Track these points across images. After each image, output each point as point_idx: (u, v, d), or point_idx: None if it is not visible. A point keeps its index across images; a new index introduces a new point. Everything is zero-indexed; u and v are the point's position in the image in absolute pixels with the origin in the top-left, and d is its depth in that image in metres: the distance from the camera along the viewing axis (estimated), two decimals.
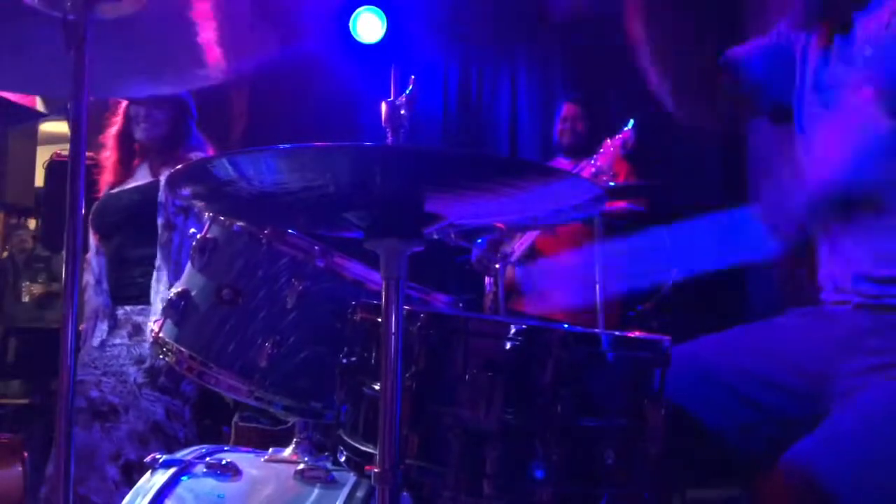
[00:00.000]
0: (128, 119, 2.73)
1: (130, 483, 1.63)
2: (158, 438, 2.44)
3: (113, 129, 2.76)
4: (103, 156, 2.76)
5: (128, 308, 2.57)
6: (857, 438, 1.05)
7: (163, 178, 2.58)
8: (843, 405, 1.12)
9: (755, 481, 1.07)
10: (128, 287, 2.60)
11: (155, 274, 2.53)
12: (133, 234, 2.59)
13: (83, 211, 1.09)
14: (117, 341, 2.53)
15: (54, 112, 5.25)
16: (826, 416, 1.10)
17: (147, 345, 2.46)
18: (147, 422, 2.45)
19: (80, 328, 2.64)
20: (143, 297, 2.55)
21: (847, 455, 1.03)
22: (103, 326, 2.57)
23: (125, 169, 2.72)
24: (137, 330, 2.52)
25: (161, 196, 2.56)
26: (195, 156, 2.58)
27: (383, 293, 1.00)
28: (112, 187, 2.72)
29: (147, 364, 2.47)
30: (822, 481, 0.98)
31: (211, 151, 2.71)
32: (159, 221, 2.55)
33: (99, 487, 2.36)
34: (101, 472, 2.38)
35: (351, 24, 4.29)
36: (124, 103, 2.77)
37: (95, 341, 2.57)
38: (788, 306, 1.32)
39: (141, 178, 2.69)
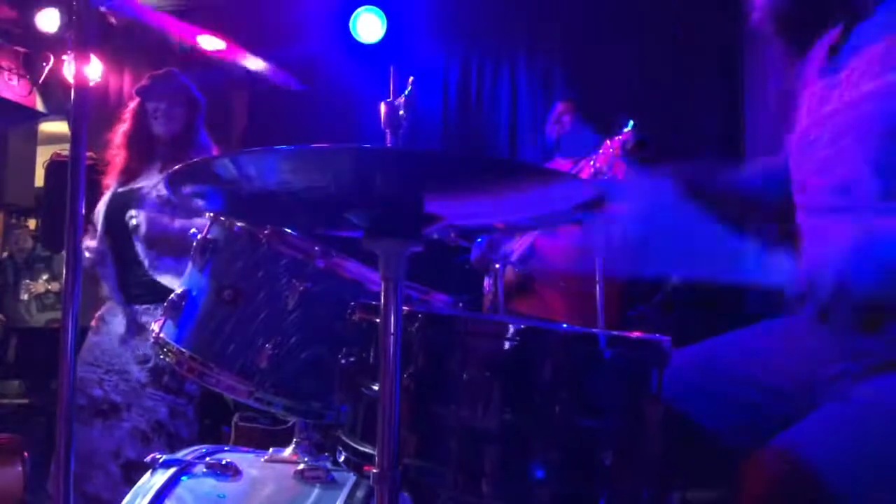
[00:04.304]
0: (138, 117, 2.73)
1: (131, 481, 1.63)
2: (161, 437, 2.45)
3: (123, 128, 2.76)
4: (111, 154, 2.76)
5: (134, 307, 2.57)
6: (848, 427, 1.06)
7: None
8: (833, 397, 1.12)
9: (740, 467, 1.07)
10: (132, 286, 2.60)
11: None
12: None
13: (83, 211, 1.09)
14: (120, 339, 2.54)
15: (54, 112, 5.27)
16: (815, 409, 1.11)
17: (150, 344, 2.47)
18: (149, 420, 2.45)
19: (93, 323, 2.65)
20: (147, 297, 2.55)
21: (837, 442, 1.04)
22: (115, 320, 2.58)
23: (134, 167, 2.73)
24: (141, 329, 2.52)
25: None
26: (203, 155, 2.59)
27: (382, 293, 1.00)
28: (119, 186, 2.72)
29: (151, 364, 2.48)
30: (810, 467, 0.99)
31: (216, 152, 2.72)
32: None
33: (105, 484, 2.37)
34: (104, 469, 2.39)
35: (351, 25, 4.29)
36: (134, 102, 2.78)
37: (98, 338, 2.58)
38: (784, 307, 1.32)
39: (151, 176, 2.70)
